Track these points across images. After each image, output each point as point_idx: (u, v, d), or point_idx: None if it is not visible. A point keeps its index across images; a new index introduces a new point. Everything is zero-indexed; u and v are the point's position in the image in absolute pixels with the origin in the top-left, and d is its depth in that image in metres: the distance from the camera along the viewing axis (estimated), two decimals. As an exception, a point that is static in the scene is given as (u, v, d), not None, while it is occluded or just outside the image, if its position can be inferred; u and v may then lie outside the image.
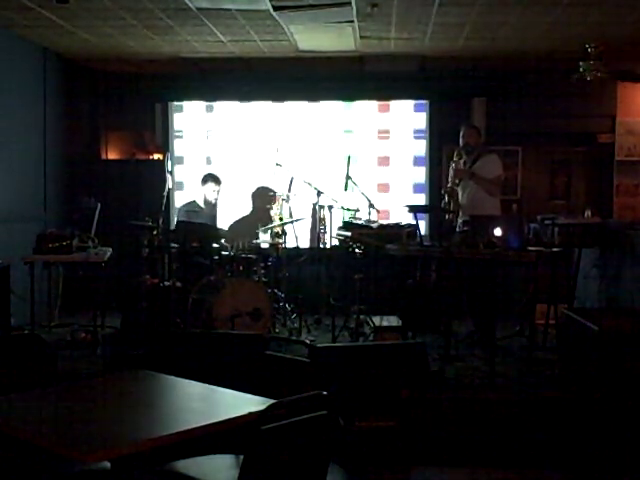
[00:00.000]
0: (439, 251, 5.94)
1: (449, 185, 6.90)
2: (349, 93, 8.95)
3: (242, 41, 7.53)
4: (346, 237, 6.95)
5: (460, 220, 6.78)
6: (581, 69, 7.36)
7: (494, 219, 6.17)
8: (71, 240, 6.44)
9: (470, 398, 5.03)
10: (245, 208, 8.07)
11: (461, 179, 6.82)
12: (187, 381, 3.16)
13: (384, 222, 7.18)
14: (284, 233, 7.23)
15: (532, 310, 6.35)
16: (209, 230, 7.23)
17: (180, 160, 9.10)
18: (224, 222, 8.11)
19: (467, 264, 6.21)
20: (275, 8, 6.26)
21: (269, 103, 9.05)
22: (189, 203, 7.78)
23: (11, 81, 7.33)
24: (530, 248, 6.13)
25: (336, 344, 6.17)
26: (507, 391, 5.19)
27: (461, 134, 6.89)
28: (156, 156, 9.01)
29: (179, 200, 8.71)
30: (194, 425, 2.58)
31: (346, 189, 7.29)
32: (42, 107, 8.07)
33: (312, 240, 7.97)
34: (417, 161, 9.08)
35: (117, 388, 3.17)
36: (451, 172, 6.90)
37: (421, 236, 6.23)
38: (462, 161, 6.84)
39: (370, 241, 6.64)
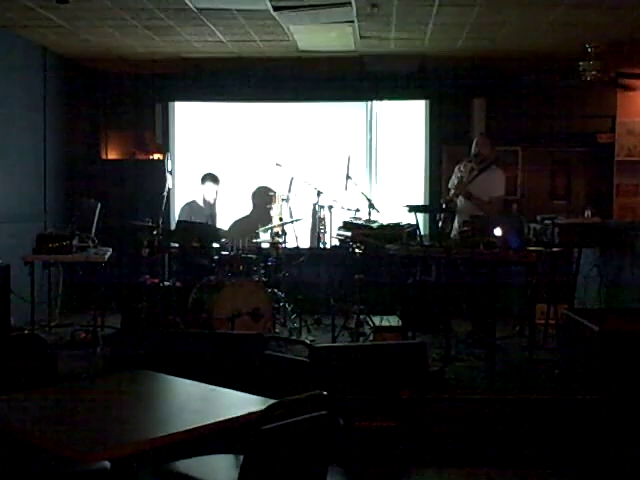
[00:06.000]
0: (439, 251, 5.94)
1: (449, 195, 6.91)
2: (349, 93, 8.95)
3: (242, 41, 7.53)
4: (346, 237, 6.95)
5: (459, 220, 6.78)
6: (581, 69, 7.36)
7: (494, 219, 6.17)
8: (71, 240, 6.44)
9: (470, 398, 5.03)
10: (245, 208, 8.08)
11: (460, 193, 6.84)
12: (187, 381, 3.16)
13: (384, 222, 7.17)
14: (284, 233, 7.23)
15: (532, 310, 6.34)
16: (209, 230, 7.23)
17: (179, 160, 9.10)
18: (224, 222, 8.11)
19: (467, 264, 6.21)
20: (275, 8, 6.26)
21: (269, 103, 9.05)
22: (189, 203, 7.79)
23: (11, 81, 7.33)
24: (530, 248, 6.12)
25: (336, 344, 6.16)
26: (507, 391, 5.19)
27: (474, 142, 6.90)
28: (156, 156, 9.01)
29: (179, 200, 8.70)
30: (194, 425, 2.58)
31: (346, 189, 7.30)
32: (42, 107, 8.06)
33: (312, 240, 7.97)
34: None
35: (117, 388, 3.17)
36: (455, 180, 6.91)
37: (421, 236, 6.23)
38: (470, 165, 6.82)
39: (370, 241, 6.64)
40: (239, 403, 2.84)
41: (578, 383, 5.15)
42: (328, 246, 7.35)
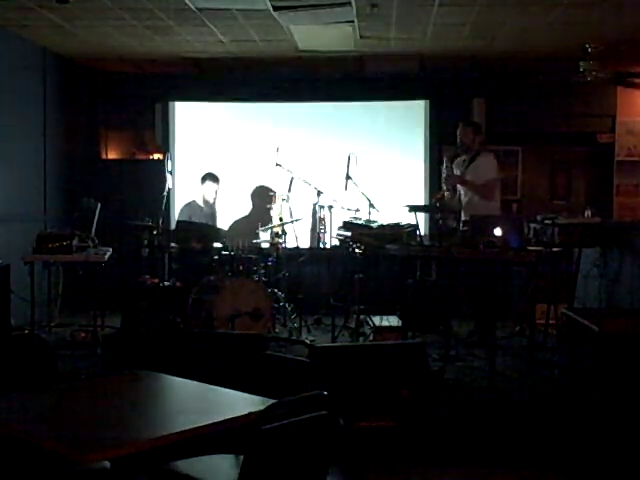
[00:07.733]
0: (439, 251, 5.94)
1: (439, 194, 6.92)
2: (349, 93, 8.95)
3: (242, 41, 7.53)
4: (346, 237, 6.95)
5: (466, 214, 6.77)
6: (581, 69, 7.36)
7: (494, 219, 6.17)
8: (71, 240, 6.43)
9: (470, 398, 5.03)
10: (245, 208, 8.08)
11: (454, 185, 6.84)
12: (187, 381, 3.16)
13: (384, 222, 7.17)
14: (284, 233, 7.23)
15: (532, 310, 6.35)
16: (209, 230, 7.23)
17: (179, 160, 9.10)
18: (224, 222, 8.11)
19: (467, 264, 6.21)
20: (275, 8, 6.26)
21: (269, 103, 9.05)
22: (189, 203, 7.79)
23: (11, 81, 7.33)
24: (530, 248, 6.12)
25: (336, 344, 6.17)
26: (507, 391, 5.19)
27: (457, 132, 6.87)
28: (156, 156, 9.01)
29: (179, 200, 8.70)
30: (194, 425, 2.58)
31: (346, 189, 7.29)
32: (42, 107, 8.06)
33: (312, 240, 7.96)
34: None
35: (117, 388, 3.17)
36: (443, 178, 6.93)
37: (421, 236, 6.23)
38: (462, 159, 6.84)
39: (370, 241, 6.64)
40: (239, 403, 2.84)
41: (578, 383, 5.15)
42: (328, 246, 7.35)
